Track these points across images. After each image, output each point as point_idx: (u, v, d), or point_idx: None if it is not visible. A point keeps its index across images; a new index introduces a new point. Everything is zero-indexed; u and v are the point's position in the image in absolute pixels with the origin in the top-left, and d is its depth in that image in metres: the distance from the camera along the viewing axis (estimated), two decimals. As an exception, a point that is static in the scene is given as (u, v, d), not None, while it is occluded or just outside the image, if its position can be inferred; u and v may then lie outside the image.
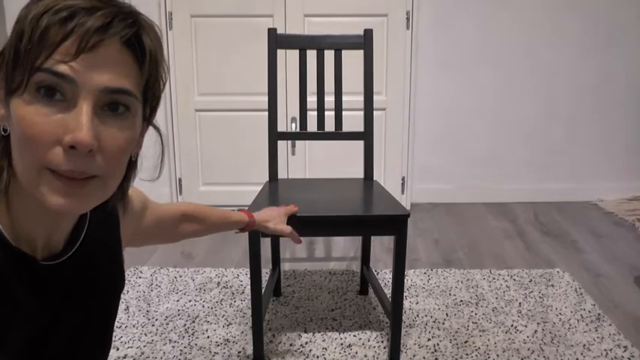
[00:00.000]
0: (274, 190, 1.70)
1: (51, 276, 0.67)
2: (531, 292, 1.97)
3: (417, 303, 1.89)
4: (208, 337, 1.68)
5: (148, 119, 0.68)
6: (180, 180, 2.93)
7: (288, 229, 1.39)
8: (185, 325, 1.75)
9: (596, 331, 1.70)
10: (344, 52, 1.79)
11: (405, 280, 2.06)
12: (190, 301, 1.91)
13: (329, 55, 1.89)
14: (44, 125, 0.56)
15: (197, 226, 1.15)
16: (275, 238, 1.94)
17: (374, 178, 1.84)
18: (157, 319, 1.78)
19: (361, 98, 1.82)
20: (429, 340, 1.66)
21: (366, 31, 1.77)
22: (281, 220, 1.39)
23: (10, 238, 0.62)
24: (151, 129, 0.71)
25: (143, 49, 0.61)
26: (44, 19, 0.55)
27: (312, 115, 2.05)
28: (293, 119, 2.84)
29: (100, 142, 0.58)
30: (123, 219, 0.84)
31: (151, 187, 0.72)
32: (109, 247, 0.79)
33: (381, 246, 2.44)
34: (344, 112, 1.85)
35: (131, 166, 0.69)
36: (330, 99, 1.95)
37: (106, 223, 0.79)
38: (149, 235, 1.00)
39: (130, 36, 0.59)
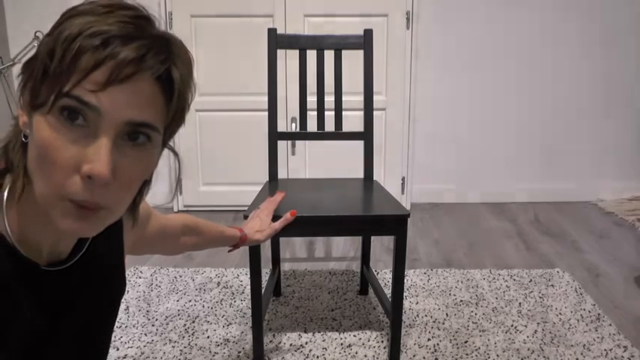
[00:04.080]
0: (274, 190, 1.70)
1: (54, 282, 0.67)
2: (531, 292, 1.97)
3: (417, 303, 1.89)
4: (208, 337, 1.68)
5: (166, 142, 0.67)
6: (180, 180, 2.93)
7: (276, 225, 1.36)
8: (185, 325, 1.75)
9: (596, 331, 1.70)
10: (344, 52, 1.79)
11: (405, 280, 2.06)
12: (190, 301, 1.91)
13: (329, 55, 1.90)
14: (64, 152, 0.56)
15: (197, 239, 1.15)
16: (275, 238, 1.94)
17: (374, 178, 1.84)
18: (157, 319, 1.78)
19: (361, 98, 1.82)
20: (429, 340, 1.66)
21: (366, 31, 1.77)
22: (267, 222, 1.36)
23: (16, 244, 0.62)
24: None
25: (172, 85, 0.61)
26: (77, 43, 0.54)
27: (312, 115, 2.05)
28: (293, 119, 2.84)
29: (116, 173, 0.58)
30: (127, 226, 0.84)
31: (151, 188, 0.72)
32: (112, 253, 0.80)
33: (381, 246, 2.44)
34: (344, 112, 1.85)
35: (145, 183, 0.68)
36: (330, 99, 1.95)
37: (111, 230, 0.79)
38: (151, 244, 1.01)
39: (162, 72, 0.59)
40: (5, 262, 0.60)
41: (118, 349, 1.60)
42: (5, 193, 0.63)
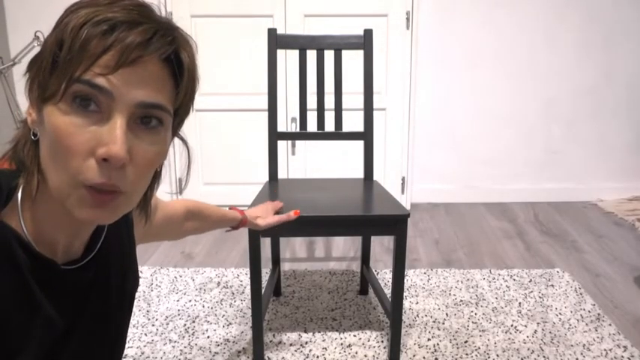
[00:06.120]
0: (274, 190, 1.70)
1: (71, 280, 0.68)
2: (531, 292, 1.97)
3: (417, 303, 1.89)
4: (208, 337, 1.68)
5: (175, 130, 0.68)
6: (180, 180, 2.93)
7: (277, 217, 1.40)
8: (185, 325, 1.75)
9: (596, 331, 1.70)
10: (344, 52, 1.78)
11: (405, 280, 2.06)
12: (190, 301, 1.91)
13: (329, 55, 1.90)
14: (79, 136, 0.56)
15: (199, 223, 1.17)
16: (275, 238, 1.94)
17: (374, 178, 1.84)
18: (157, 319, 1.78)
19: (361, 98, 1.82)
20: (429, 340, 1.66)
21: (366, 31, 1.77)
22: (269, 214, 1.41)
23: (32, 242, 0.62)
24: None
25: (181, 66, 0.62)
26: (84, 30, 0.56)
27: (312, 115, 2.05)
28: (293, 119, 2.84)
29: (131, 156, 0.58)
30: (139, 223, 0.85)
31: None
32: (124, 249, 0.80)
33: (381, 246, 2.44)
34: (344, 112, 1.85)
35: (156, 175, 0.69)
36: (330, 99, 1.94)
37: (122, 226, 0.79)
38: (156, 234, 1.02)
39: (169, 53, 0.60)
40: (24, 261, 0.60)
41: (118, 349, 1.60)
42: (19, 194, 0.63)
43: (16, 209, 0.62)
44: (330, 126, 1.85)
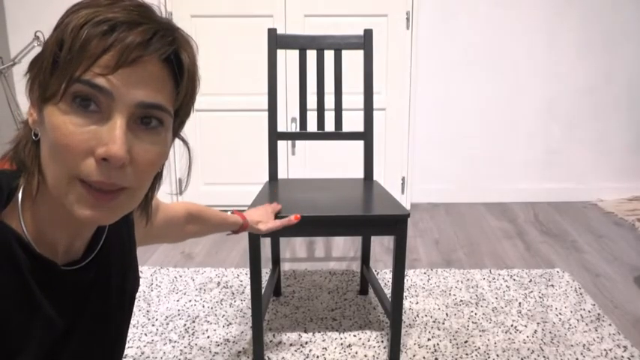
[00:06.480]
0: (274, 190, 1.70)
1: (71, 281, 0.68)
2: (531, 292, 1.97)
3: (417, 303, 1.89)
4: (208, 337, 1.68)
5: (176, 131, 0.68)
6: (180, 180, 2.93)
7: (278, 222, 1.40)
8: (185, 325, 1.75)
9: (596, 331, 1.70)
10: (344, 52, 1.79)
11: (405, 280, 2.06)
12: (190, 301, 1.91)
13: (329, 55, 1.90)
14: (78, 135, 0.56)
15: (200, 227, 1.16)
16: (275, 238, 1.94)
17: (374, 178, 1.84)
18: (157, 319, 1.78)
19: (361, 98, 1.82)
20: (429, 340, 1.66)
21: (366, 31, 1.77)
22: (270, 217, 1.40)
23: (33, 243, 0.62)
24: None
25: (181, 67, 0.62)
26: (85, 31, 0.56)
27: (312, 115, 2.05)
28: (293, 119, 2.84)
29: (131, 156, 0.58)
30: (139, 223, 0.84)
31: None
32: (125, 249, 0.80)
33: (381, 246, 2.44)
34: (344, 112, 1.85)
35: (157, 176, 0.69)
36: (330, 99, 1.95)
37: (123, 227, 0.79)
38: (156, 235, 1.01)
39: (169, 53, 0.60)
40: (24, 261, 0.60)
41: (118, 349, 1.60)
42: (20, 194, 0.63)
43: (16, 210, 0.62)
44: (330, 126, 1.85)
